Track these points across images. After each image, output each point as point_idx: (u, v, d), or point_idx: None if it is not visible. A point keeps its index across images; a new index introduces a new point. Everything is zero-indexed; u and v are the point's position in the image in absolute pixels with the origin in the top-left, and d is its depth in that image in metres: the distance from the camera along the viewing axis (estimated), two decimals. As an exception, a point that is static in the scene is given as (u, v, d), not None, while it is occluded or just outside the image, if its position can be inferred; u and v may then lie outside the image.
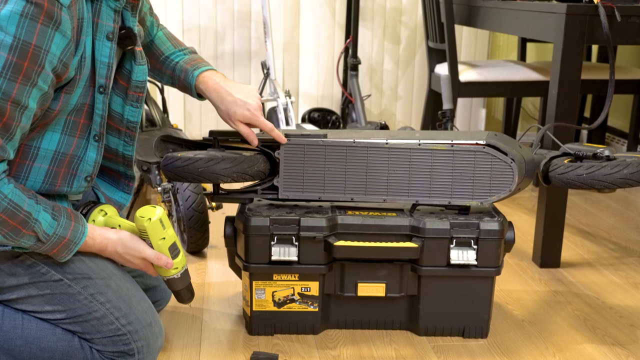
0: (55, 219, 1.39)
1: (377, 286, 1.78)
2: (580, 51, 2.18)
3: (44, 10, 1.25)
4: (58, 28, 1.28)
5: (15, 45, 1.24)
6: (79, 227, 1.44)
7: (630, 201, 3.08)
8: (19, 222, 1.33)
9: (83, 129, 1.47)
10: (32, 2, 1.24)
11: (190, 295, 1.61)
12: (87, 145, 1.49)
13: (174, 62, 1.75)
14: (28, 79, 1.28)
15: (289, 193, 1.77)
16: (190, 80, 1.72)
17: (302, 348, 1.77)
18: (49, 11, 1.25)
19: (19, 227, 1.34)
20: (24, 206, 1.34)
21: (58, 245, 1.41)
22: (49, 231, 1.38)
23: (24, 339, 1.48)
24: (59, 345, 1.49)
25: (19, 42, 1.24)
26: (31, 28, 1.25)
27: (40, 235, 1.37)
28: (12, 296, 1.47)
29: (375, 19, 3.83)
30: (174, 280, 1.56)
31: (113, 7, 1.41)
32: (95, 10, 1.39)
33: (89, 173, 1.51)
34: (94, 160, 1.51)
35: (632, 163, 1.72)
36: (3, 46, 1.24)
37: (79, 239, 1.43)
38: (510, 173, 1.75)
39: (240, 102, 1.70)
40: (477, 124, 4.06)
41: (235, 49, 3.76)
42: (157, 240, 1.50)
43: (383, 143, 1.76)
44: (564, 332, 1.90)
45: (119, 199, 1.66)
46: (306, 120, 3.71)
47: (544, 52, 3.98)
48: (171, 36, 1.80)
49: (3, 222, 1.32)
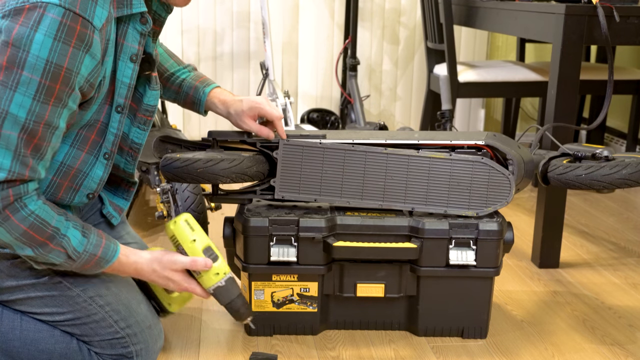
0: (85, 236, 1.38)
1: (376, 287, 1.78)
2: (579, 51, 2.18)
3: (76, 33, 1.25)
4: (88, 51, 1.29)
5: (48, 69, 1.25)
6: (110, 244, 1.42)
7: (630, 202, 3.08)
8: (46, 237, 1.33)
9: (93, 145, 1.46)
10: (66, 25, 1.24)
11: (246, 309, 1.53)
12: (94, 162, 1.48)
13: (180, 78, 1.78)
14: (59, 100, 1.28)
15: (285, 193, 1.77)
16: (200, 96, 1.76)
17: (301, 349, 1.77)
18: (81, 34, 1.26)
19: (47, 242, 1.33)
20: (52, 222, 1.33)
21: (89, 263, 1.39)
22: (79, 248, 1.37)
23: (22, 340, 1.48)
24: (57, 347, 1.49)
25: (52, 66, 1.25)
26: (63, 52, 1.25)
27: (70, 252, 1.36)
28: (11, 297, 1.47)
29: (374, 20, 3.83)
30: (220, 290, 1.50)
31: (140, 30, 1.41)
32: (122, 32, 1.40)
33: (92, 190, 1.50)
34: (99, 178, 1.50)
35: (630, 163, 1.72)
36: (36, 70, 1.24)
37: (111, 256, 1.42)
38: (507, 185, 1.75)
39: (245, 99, 1.74)
40: (476, 125, 4.07)
41: (234, 50, 3.76)
42: (188, 244, 1.48)
43: (381, 149, 1.75)
44: (563, 332, 1.90)
45: (118, 202, 1.67)
46: (305, 120, 3.71)
47: (542, 52, 3.98)
48: (171, 53, 1.84)
49: (31, 238, 1.32)
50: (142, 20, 1.41)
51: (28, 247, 1.33)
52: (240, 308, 1.53)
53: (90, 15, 1.27)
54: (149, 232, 2.56)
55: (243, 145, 1.80)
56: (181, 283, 1.49)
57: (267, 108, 1.73)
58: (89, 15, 1.26)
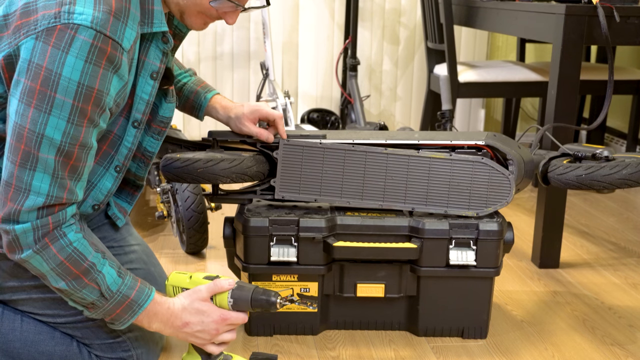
0: (121, 276, 1.36)
1: (376, 287, 1.77)
2: (579, 52, 2.18)
3: (106, 55, 1.25)
4: (117, 72, 1.29)
5: (80, 91, 1.25)
6: (144, 288, 1.39)
7: (630, 202, 3.08)
8: (81, 271, 1.32)
9: (104, 157, 1.46)
10: (97, 47, 1.24)
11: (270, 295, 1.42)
12: (104, 174, 1.47)
13: (181, 82, 1.79)
14: (92, 121, 1.29)
15: (286, 193, 1.77)
16: (201, 101, 1.76)
17: (301, 349, 1.77)
18: (110, 56, 1.26)
19: (82, 277, 1.32)
20: (88, 257, 1.33)
21: (121, 305, 1.36)
22: (113, 287, 1.35)
23: (23, 341, 1.48)
24: (57, 349, 1.49)
25: (83, 88, 1.25)
26: (94, 73, 1.25)
27: (104, 289, 1.34)
28: (13, 297, 1.47)
29: (375, 20, 3.83)
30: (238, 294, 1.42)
31: (162, 48, 1.41)
32: (144, 49, 1.39)
33: (99, 201, 1.49)
34: (107, 190, 1.49)
35: (631, 163, 1.72)
36: (69, 93, 1.24)
37: (144, 300, 1.38)
38: (507, 185, 1.75)
39: (246, 103, 1.75)
40: (476, 125, 4.07)
41: (235, 50, 3.76)
42: (188, 281, 1.45)
43: (382, 149, 1.75)
44: (563, 332, 1.90)
45: (122, 204, 1.66)
46: (305, 120, 3.71)
47: (543, 52, 3.98)
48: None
49: (66, 270, 1.31)
50: (164, 39, 1.40)
51: (62, 280, 1.32)
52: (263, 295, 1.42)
53: (120, 37, 1.27)
54: (149, 232, 2.56)
55: (243, 145, 1.80)
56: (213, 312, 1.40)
57: (268, 109, 1.74)
58: (118, 37, 1.26)
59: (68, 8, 1.23)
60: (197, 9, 1.39)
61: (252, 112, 1.74)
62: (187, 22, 1.43)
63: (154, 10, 1.36)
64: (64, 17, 1.22)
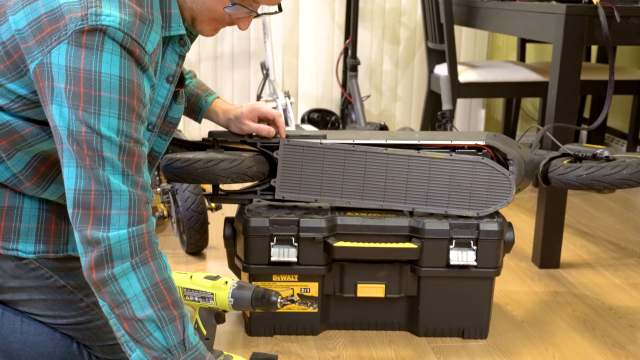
0: (195, 334, 1.27)
1: (377, 287, 1.77)
2: (580, 52, 2.18)
3: (135, 56, 1.24)
4: (145, 72, 1.28)
5: (123, 85, 1.23)
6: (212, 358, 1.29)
7: (630, 202, 3.08)
8: (173, 301, 1.20)
9: None
10: (126, 48, 1.23)
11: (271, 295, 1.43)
12: None
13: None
14: (139, 117, 1.26)
15: (286, 194, 1.77)
16: (202, 105, 1.76)
17: (301, 349, 1.77)
18: (139, 58, 1.25)
19: (172, 308, 1.19)
20: (176, 291, 1.23)
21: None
22: (193, 340, 1.22)
23: (23, 342, 1.47)
24: (58, 350, 1.48)
25: (125, 82, 1.23)
26: (130, 69, 1.24)
27: (185, 336, 1.21)
28: (14, 297, 1.47)
29: (375, 20, 3.83)
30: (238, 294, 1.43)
31: (178, 52, 1.41)
32: (161, 52, 1.39)
33: None
34: None
35: (631, 164, 1.72)
36: (113, 89, 1.22)
37: None
38: (508, 185, 1.75)
39: (245, 104, 1.76)
40: (477, 125, 4.06)
41: (235, 50, 3.76)
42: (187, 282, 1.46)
43: (382, 149, 1.75)
44: (563, 332, 1.90)
45: None
46: (305, 121, 3.71)
47: (543, 52, 3.98)
48: None
49: (160, 294, 1.19)
50: (181, 42, 1.40)
51: (151, 308, 1.19)
52: (264, 295, 1.43)
53: (144, 40, 1.26)
54: (150, 232, 2.56)
55: (243, 146, 1.80)
56: None
57: (267, 108, 1.75)
58: (143, 41, 1.26)
59: (95, 10, 1.22)
60: (211, 16, 1.39)
61: (252, 111, 1.74)
62: (198, 28, 1.42)
63: (171, 14, 1.36)
64: (92, 19, 1.22)
